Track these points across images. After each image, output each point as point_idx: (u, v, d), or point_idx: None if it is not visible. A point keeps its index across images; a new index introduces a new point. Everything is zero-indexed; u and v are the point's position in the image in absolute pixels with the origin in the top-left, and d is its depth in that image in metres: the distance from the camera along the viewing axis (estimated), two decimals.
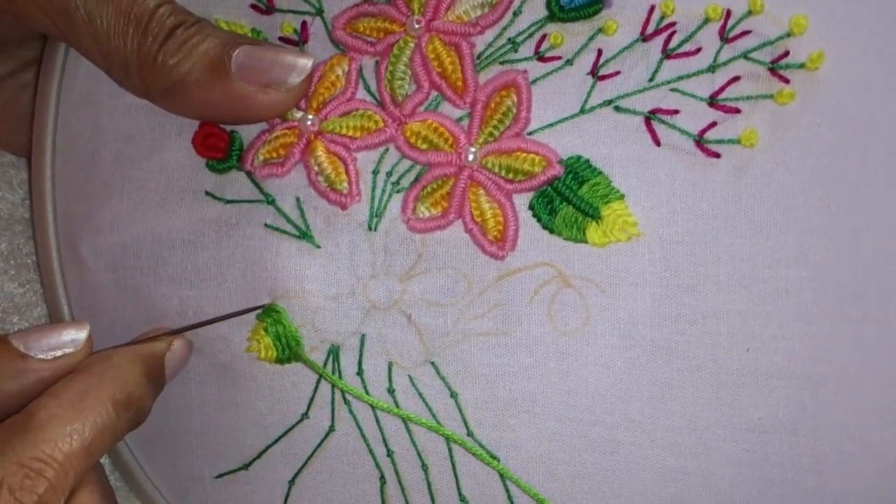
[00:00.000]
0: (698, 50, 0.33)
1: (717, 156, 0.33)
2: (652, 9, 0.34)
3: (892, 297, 0.32)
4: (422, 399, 0.37)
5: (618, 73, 0.34)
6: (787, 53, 0.32)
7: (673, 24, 0.34)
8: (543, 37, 0.35)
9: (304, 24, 0.38)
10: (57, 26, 0.34)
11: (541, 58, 0.35)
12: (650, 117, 0.34)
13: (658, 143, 0.34)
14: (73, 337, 0.34)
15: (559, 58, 0.35)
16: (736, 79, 0.33)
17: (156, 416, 0.40)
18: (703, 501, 0.35)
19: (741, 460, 0.34)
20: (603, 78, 0.34)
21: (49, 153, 0.41)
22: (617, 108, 0.34)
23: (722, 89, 0.33)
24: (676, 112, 0.34)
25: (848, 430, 0.33)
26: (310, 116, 0.37)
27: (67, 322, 0.38)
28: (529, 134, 0.35)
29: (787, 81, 0.33)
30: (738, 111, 0.33)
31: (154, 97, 0.36)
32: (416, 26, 0.36)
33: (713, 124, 0.33)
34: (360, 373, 0.37)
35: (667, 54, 0.34)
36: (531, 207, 0.35)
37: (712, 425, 0.34)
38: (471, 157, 0.36)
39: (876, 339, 0.33)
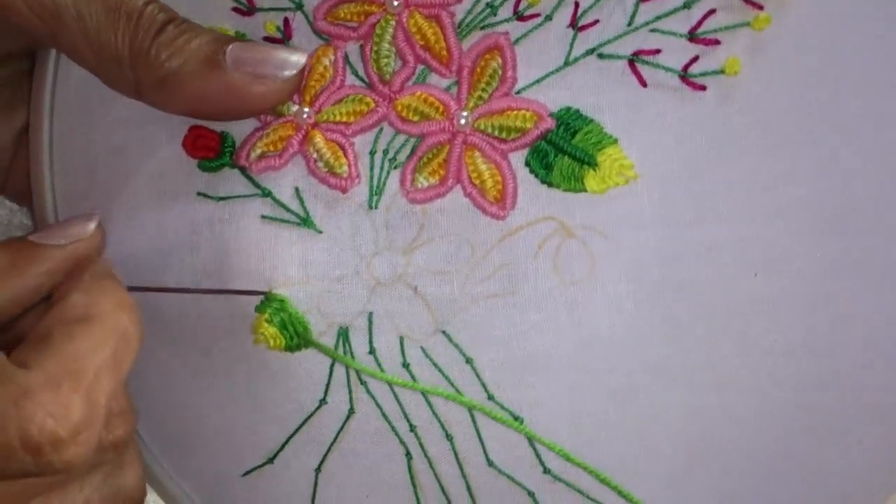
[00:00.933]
0: None
1: (704, 88, 0.34)
2: None
3: (889, 206, 0.33)
4: (438, 369, 0.37)
5: (597, 21, 0.35)
6: None
7: None
8: None
9: (286, 20, 0.39)
10: (46, 24, 0.35)
11: (520, 17, 0.36)
12: (634, 60, 0.35)
13: (644, 84, 0.35)
14: (82, 228, 0.38)
15: (538, 15, 0.36)
16: (712, 11, 0.34)
17: (175, 421, 0.39)
18: (729, 434, 0.34)
19: (761, 388, 0.34)
20: (583, 28, 0.35)
21: (47, 172, 0.41)
22: (600, 56, 0.35)
23: (700, 23, 0.34)
24: (658, 51, 0.34)
25: (864, 342, 0.33)
26: (305, 109, 0.38)
27: (78, 215, 0.40)
28: (517, 93, 0.36)
29: (761, 8, 0.33)
30: (717, 42, 0.34)
31: (146, 91, 0.36)
32: (396, 3, 0.37)
33: (695, 58, 0.34)
34: (371, 351, 0.37)
35: None
36: (527, 164, 0.36)
37: (729, 356, 0.34)
38: (462, 122, 0.36)
39: (884, 252, 0.33)
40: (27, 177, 0.42)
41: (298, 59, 0.36)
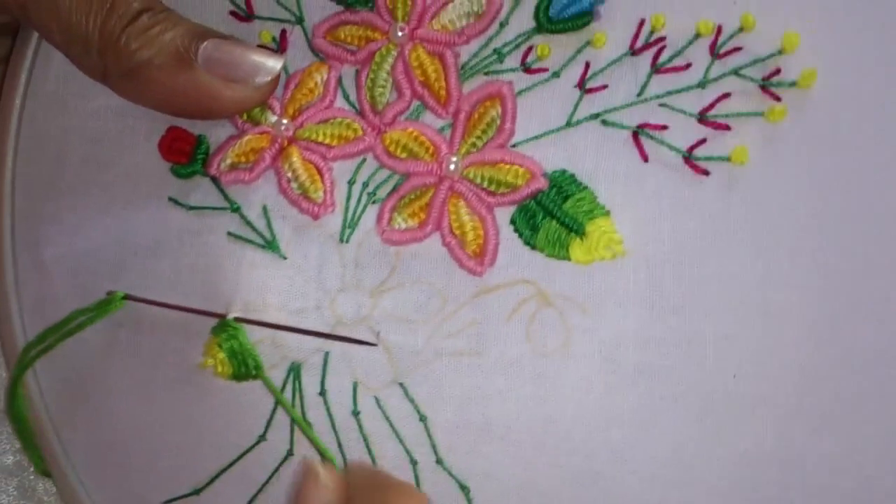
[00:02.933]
0: (688, 65, 0.33)
1: (707, 173, 0.32)
2: (642, 22, 0.33)
3: (884, 322, 0.31)
4: (388, 422, 0.35)
5: (605, 86, 0.33)
6: (778, 71, 0.32)
7: (663, 38, 0.33)
8: (530, 48, 0.34)
9: (283, 32, 0.37)
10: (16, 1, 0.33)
11: (527, 69, 0.34)
12: (638, 132, 0.33)
13: (646, 159, 0.33)
14: None
15: (546, 69, 0.34)
16: (726, 95, 0.32)
17: (104, 435, 0.37)
18: None
19: (726, 492, 0.32)
20: (590, 91, 0.34)
21: (11, 152, 0.39)
22: (604, 122, 0.33)
23: (712, 105, 0.33)
24: (665, 127, 0.33)
25: (837, 462, 0.32)
26: (284, 121, 0.36)
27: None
28: (513, 146, 0.34)
29: (778, 99, 0.32)
30: (728, 128, 0.32)
31: (112, 80, 0.34)
32: (400, 34, 0.35)
33: (703, 141, 0.33)
34: (322, 393, 0.35)
35: (656, 69, 0.33)
36: (513, 222, 0.34)
37: (697, 455, 0.32)
38: (452, 167, 0.34)
39: (867, 367, 0.32)
40: None
41: (274, 65, 0.34)
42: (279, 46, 0.37)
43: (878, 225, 0.31)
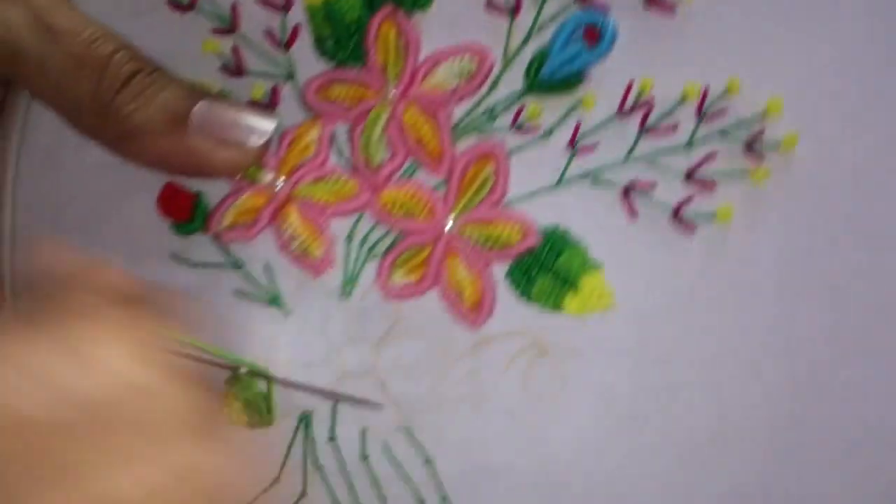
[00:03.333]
0: (675, 127, 0.34)
1: (693, 230, 0.34)
2: (630, 85, 0.34)
3: (866, 373, 0.34)
4: (396, 465, 0.37)
5: (596, 145, 0.35)
6: (762, 132, 0.33)
7: (651, 99, 0.34)
8: (521, 108, 0.35)
9: (274, 88, 0.37)
10: (5, 63, 0.33)
11: (518, 129, 0.35)
12: (627, 190, 0.34)
13: (635, 216, 0.34)
14: None
15: (537, 129, 0.35)
16: (712, 155, 0.34)
17: None
18: None
19: None
20: (581, 151, 0.35)
21: (9, 209, 0.39)
22: (594, 181, 0.35)
23: (699, 165, 0.34)
24: (653, 185, 0.34)
25: (821, 499, 0.34)
26: (280, 180, 0.37)
27: None
28: (507, 203, 0.35)
29: (761, 161, 0.33)
30: (713, 187, 0.34)
31: (105, 142, 0.34)
32: (392, 93, 0.36)
33: (689, 199, 0.34)
34: (332, 439, 0.37)
35: (644, 129, 0.34)
36: (508, 276, 0.36)
37: (686, 493, 0.35)
38: (449, 226, 0.35)
39: (848, 411, 0.34)
40: None
41: (267, 125, 0.35)
42: (270, 102, 0.37)
43: (856, 283, 0.33)
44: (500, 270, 0.36)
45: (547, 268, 0.35)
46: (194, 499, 0.31)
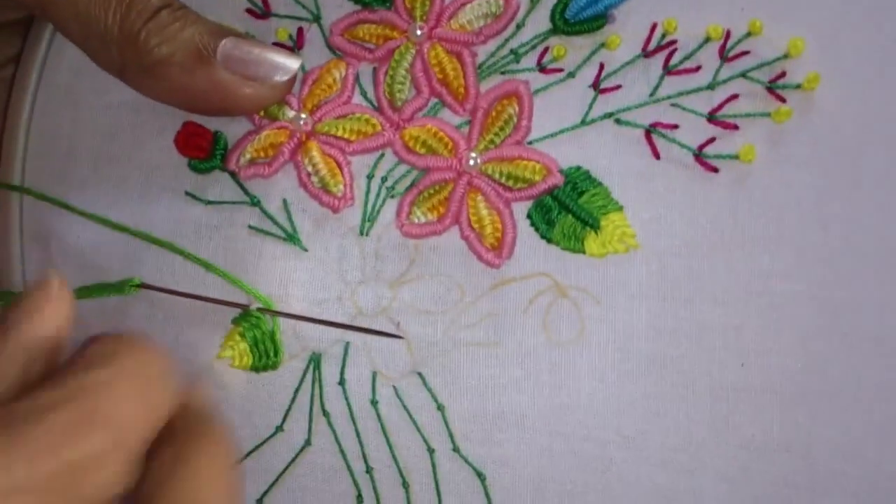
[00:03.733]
0: (698, 68, 0.34)
1: (716, 170, 0.34)
2: (654, 26, 0.35)
3: (886, 312, 0.33)
4: (406, 411, 0.35)
5: (619, 86, 0.35)
6: (783, 74, 0.34)
7: (674, 41, 0.34)
8: (546, 49, 0.35)
9: (300, 30, 0.37)
10: None
11: (543, 69, 0.35)
12: (650, 131, 0.35)
13: (657, 157, 0.34)
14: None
15: (561, 70, 0.35)
16: (734, 96, 0.34)
17: None
18: None
19: (734, 478, 0.34)
20: (604, 91, 0.35)
21: (21, 146, 0.39)
22: (618, 121, 0.35)
23: (721, 106, 0.34)
24: (676, 126, 0.34)
25: (842, 447, 0.33)
26: (303, 116, 0.37)
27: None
28: (530, 143, 0.35)
29: (783, 100, 0.34)
30: (736, 127, 0.34)
31: (130, 75, 0.34)
32: (419, 33, 0.36)
33: (712, 139, 0.34)
34: (341, 382, 0.36)
35: (667, 70, 0.35)
36: (529, 216, 0.35)
37: (705, 442, 0.34)
38: (471, 163, 0.35)
39: (870, 356, 0.33)
40: None
41: (292, 64, 0.35)
42: (296, 44, 0.37)
43: (877, 220, 0.33)
44: (521, 210, 0.35)
45: (569, 208, 0.35)
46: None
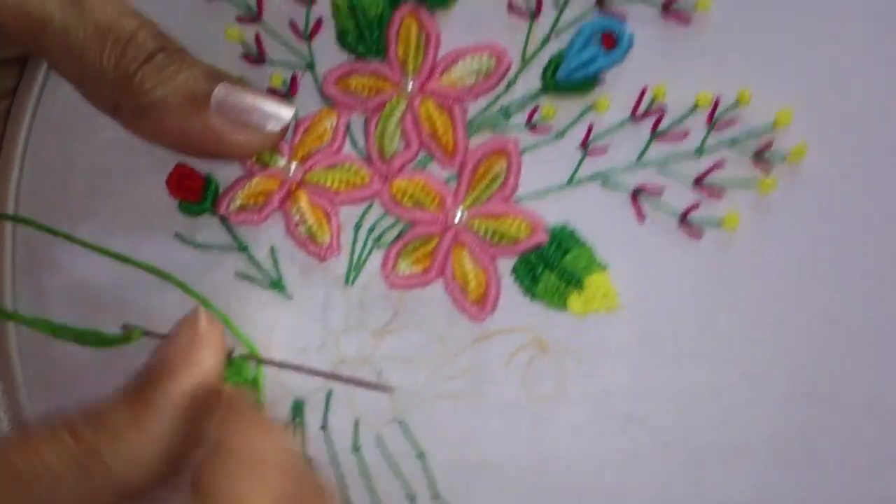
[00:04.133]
0: (686, 134, 0.35)
1: (699, 237, 0.34)
2: (644, 91, 0.35)
3: (865, 379, 0.34)
4: (388, 458, 0.36)
5: (607, 148, 0.35)
6: (770, 144, 0.34)
7: (663, 106, 0.35)
8: (536, 108, 0.36)
9: (293, 76, 0.38)
10: (29, 34, 0.33)
11: (532, 128, 0.36)
12: (637, 193, 0.35)
13: (642, 219, 0.35)
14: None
15: (550, 129, 0.36)
16: (721, 163, 0.34)
17: None
18: None
19: None
20: (592, 153, 0.35)
21: (15, 179, 0.39)
22: (604, 183, 0.35)
23: (707, 173, 0.34)
24: (662, 190, 0.35)
25: None
26: (293, 165, 0.37)
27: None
28: (517, 200, 0.36)
29: (768, 171, 0.34)
30: (721, 195, 0.34)
31: (123, 116, 0.34)
32: (410, 87, 0.36)
33: (696, 205, 0.35)
34: (324, 427, 0.37)
35: (655, 135, 0.35)
36: (514, 271, 0.36)
37: (682, 499, 0.35)
38: (457, 218, 0.36)
39: (848, 421, 0.34)
40: None
41: (285, 113, 0.35)
42: (289, 90, 0.38)
43: (860, 290, 0.34)
44: (505, 266, 0.36)
45: (553, 266, 0.35)
46: None
